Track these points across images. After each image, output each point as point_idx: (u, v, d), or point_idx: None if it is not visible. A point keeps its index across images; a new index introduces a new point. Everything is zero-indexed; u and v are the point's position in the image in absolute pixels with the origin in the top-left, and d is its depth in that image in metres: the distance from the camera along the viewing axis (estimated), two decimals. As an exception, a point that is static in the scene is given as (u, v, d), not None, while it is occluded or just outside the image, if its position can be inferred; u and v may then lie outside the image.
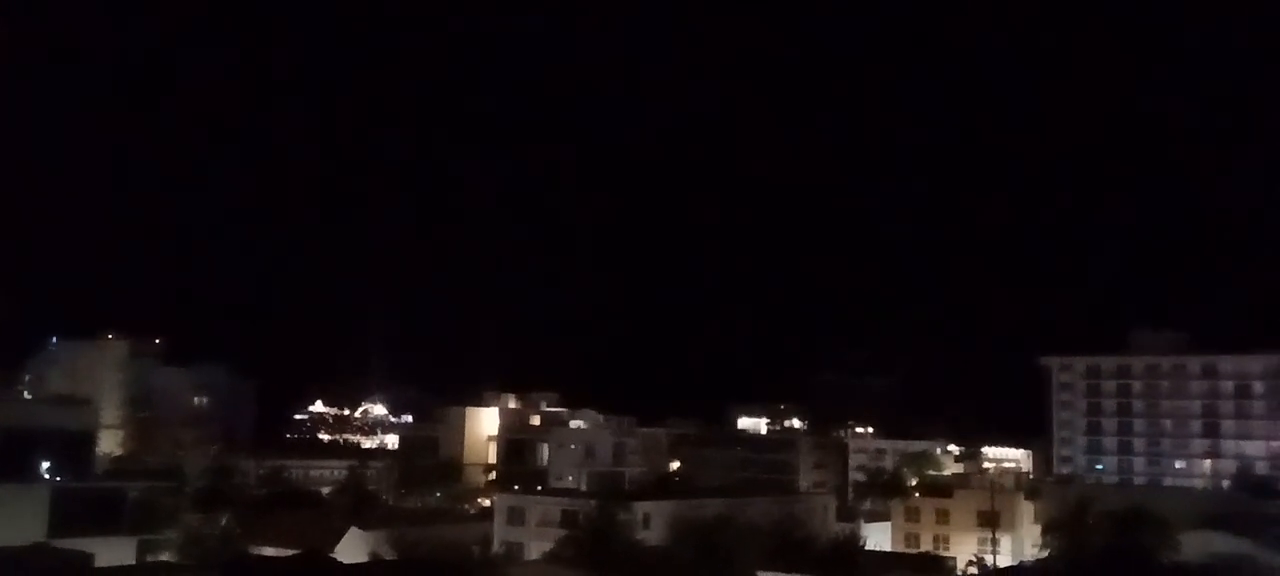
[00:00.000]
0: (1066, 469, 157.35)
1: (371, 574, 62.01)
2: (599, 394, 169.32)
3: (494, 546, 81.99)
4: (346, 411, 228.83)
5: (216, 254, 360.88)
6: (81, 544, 55.61)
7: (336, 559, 66.68)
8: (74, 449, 68.29)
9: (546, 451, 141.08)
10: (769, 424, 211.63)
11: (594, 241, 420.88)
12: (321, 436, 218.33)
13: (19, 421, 69.04)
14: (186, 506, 73.23)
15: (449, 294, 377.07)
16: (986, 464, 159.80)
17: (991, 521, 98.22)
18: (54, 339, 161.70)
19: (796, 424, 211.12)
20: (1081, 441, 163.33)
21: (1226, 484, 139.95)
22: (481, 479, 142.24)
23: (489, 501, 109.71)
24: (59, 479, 65.15)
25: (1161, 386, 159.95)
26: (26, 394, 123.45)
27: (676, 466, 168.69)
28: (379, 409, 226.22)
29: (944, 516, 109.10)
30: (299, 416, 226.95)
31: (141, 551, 63.34)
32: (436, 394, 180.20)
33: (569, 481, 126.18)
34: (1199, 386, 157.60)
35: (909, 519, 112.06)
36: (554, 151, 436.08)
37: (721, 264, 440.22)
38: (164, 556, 63.67)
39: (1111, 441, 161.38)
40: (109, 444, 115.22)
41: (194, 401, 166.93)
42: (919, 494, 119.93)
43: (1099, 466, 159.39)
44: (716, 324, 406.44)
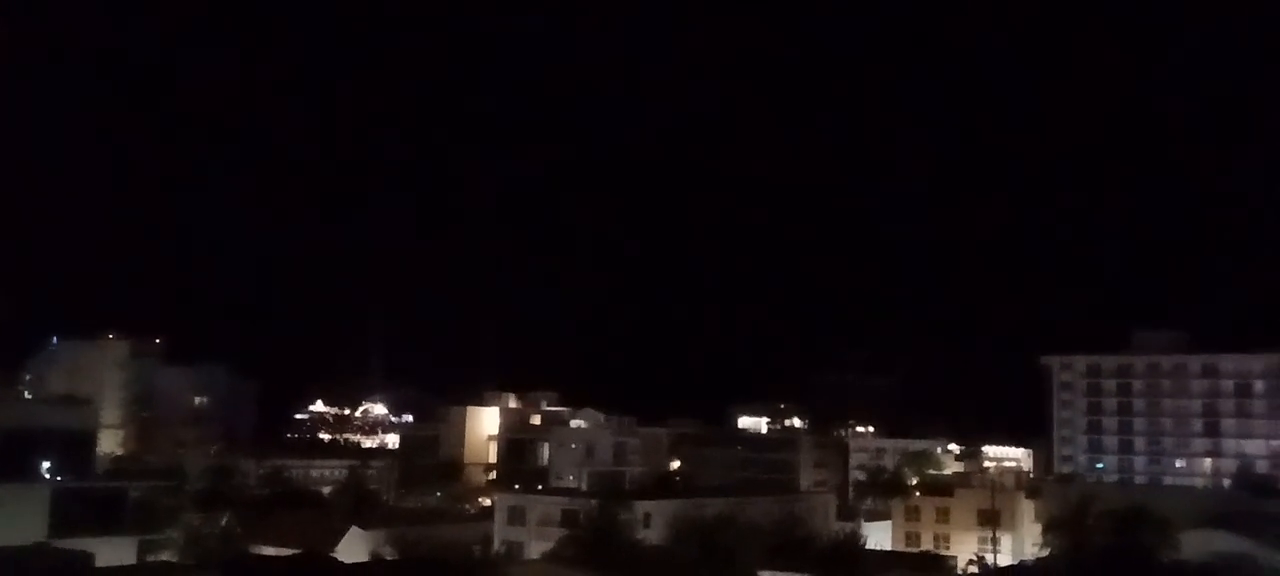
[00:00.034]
0: (1067, 468, 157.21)
1: (372, 573, 62.03)
2: (599, 393, 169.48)
3: (495, 546, 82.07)
4: (347, 411, 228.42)
5: (216, 254, 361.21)
6: (82, 544, 55.52)
7: (337, 558, 66.74)
8: (74, 449, 68.27)
9: (547, 451, 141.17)
10: (769, 423, 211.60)
11: (594, 241, 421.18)
12: (322, 436, 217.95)
13: (19, 421, 69.00)
14: (187, 506, 73.29)
15: (449, 294, 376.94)
16: (987, 463, 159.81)
17: (992, 520, 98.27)
18: (54, 339, 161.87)
19: (797, 423, 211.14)
20: (1082, 440, 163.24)
21: (1227, 483, 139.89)
22: (482, 478, 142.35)
23: (489, 501, 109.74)
24: (59, 479, 65.11)
25: (1162, 385, 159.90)
26: (27, 394, 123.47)
27: (677, 466, 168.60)
28: (379, 408, 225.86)
29: (944, 515, 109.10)
30: (299, 416, 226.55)
31: (142, 551, 63.27)
32: (437, 393, 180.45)
33: (570, 481, 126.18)
34: (1200, 385, 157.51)
35: (909, 518, 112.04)
36: (554, 151, 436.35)
37: (721, 263, 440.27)
38: (165, 556, 63.62)
39: (1112, 440, 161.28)
40: (110, 443, 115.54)
41: (194, 401, 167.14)
42: (919, 493, 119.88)
43: (1099, 465, 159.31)
44: (717, 323, 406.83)
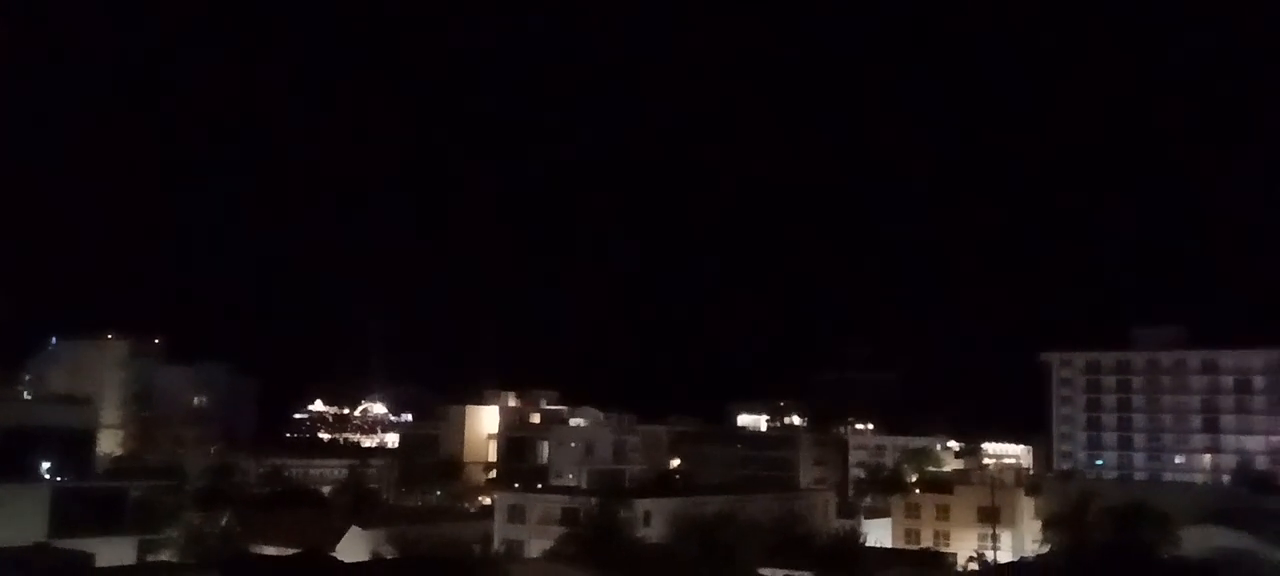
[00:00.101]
0: (1067, 464, 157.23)
1: (372, 572, 62.00)
2: (599, 391, 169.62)
3: (495, 544, 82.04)
4: (346, 410, 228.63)
5: (216, 254, 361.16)
6: (82, 543, 55.51)
7: (337, 557, 66.80)
8: (74, 448, 68.18)
9: (547, 449, 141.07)
10: (769, 421, 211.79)
11: (594, 241, 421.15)
12: (322, 435, 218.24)
13: (19, 421, 68.86)
14: (187, 505, 73.14)
15: (449, 294, 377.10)
16: (987, 460, 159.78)
17: (992, 517, 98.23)
18: (54, 338, 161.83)
19: (796, 421, 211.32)
20: (1082, 437, 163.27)
21: (1227, 479, 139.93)
22: (482, 477, 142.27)
23: (489, 499, 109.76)
24: (60, 478, 65.05)
25: (1162, 382, 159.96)
26: (27, 393, 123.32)
27: (677, 463, 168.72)
28: (379, 407, 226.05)
29: (944, 512, 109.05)
30: (299, 415, 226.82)
31: (142, 551, 63.22)
32: (437, 392, 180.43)
33: (569, 479, 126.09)
34: (1199, 382, 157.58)
35: (909, 515, 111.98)
36: (554, 151, 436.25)
37: (722, 263, 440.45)
38: (165, 555, 63.56)
39: (1112, 437, 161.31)
40: (109, 443, 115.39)
41: (194, 400, 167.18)
42: (919, 490, 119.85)
43: (1099, 462, 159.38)
44: (717, 322, 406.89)
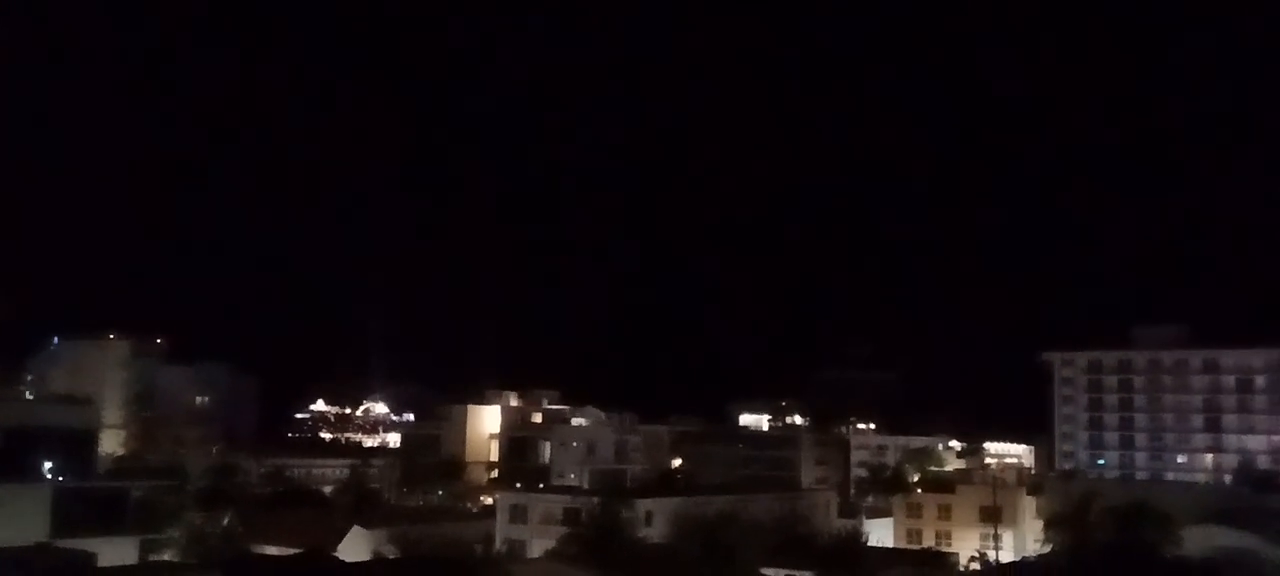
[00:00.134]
0: (1068, 464, 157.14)
1: (374, 572, 61.98)
2: (600, 391, 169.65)
3: (496, 544, 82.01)
4: (348, 410, 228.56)
5: (216, 254, 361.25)
6: (84, 543, 55.50)
7: (339, 557, 66.79)
8: (76, 448, 68.21)
9: (548, 449, 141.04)
10: (771, 420, 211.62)
11: (594, 241, 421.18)
12: (323, 435, 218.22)
13: (21, 421, 68.89)
14: (189, 505, 73.11)
15: (449, 294, 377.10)
16: (988, 459, 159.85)
17: (994, 517, 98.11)
18: (56, 338, 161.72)
19: (798, 420, 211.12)
20: (1083, 436, 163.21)
21: (1228, 478, 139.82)
22: (483, 476, 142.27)
23: (491, 499, 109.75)
24: (61, 478, 65.07)
25: (1163, 381, 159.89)
26: (28, 393, 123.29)
27: (678, 463, 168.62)
28: (380, 407, 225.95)
29: (946, 512, 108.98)
30: (300, 415, 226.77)
31: (144, 550, 63.22)
32: (438, 392, 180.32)
33: (571, 479, 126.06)
34: (1201, 381, 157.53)
35: (911, 515, 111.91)
36: (554, 151, 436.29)
37: (722, 263, 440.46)
38: (167, 555, 63.55)
39: (1113, 436, 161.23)
40: (111, 443, 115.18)
41: (196, 400, 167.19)
42: (921, 490, 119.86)
43: (1101, 461, 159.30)
44: (717, 322, 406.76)
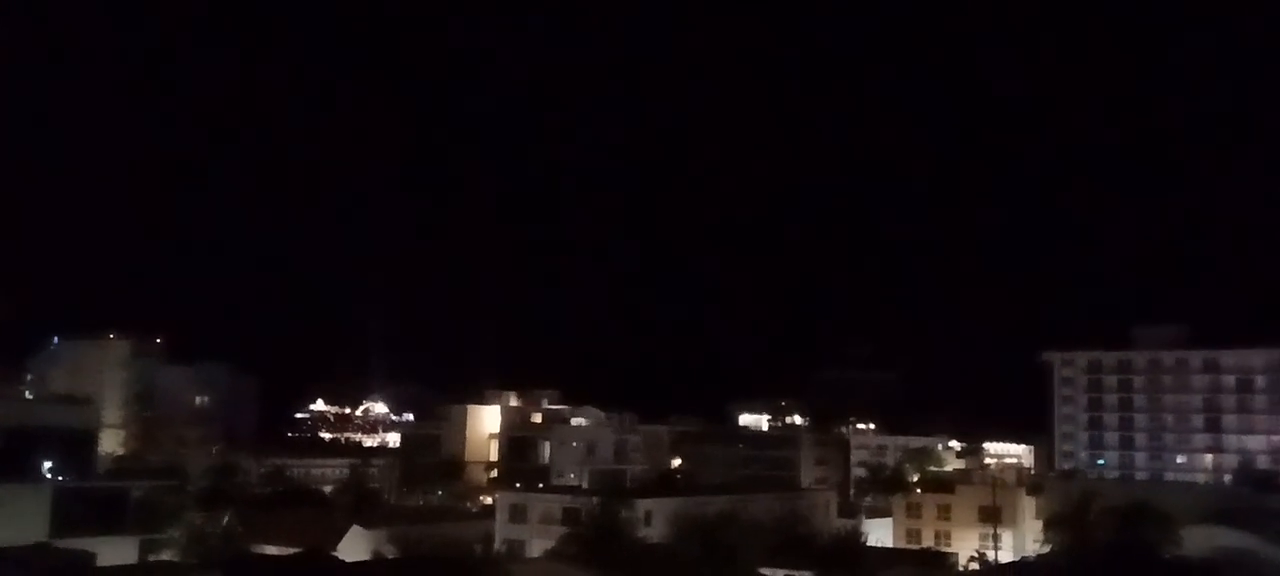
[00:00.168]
0: (1068, 464, 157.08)
1: (373, 572, 61.98)
2: (600, 391, 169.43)
3: (496, 544, 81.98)
4: (348, 410, 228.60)
5: (216, 254, 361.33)
6: (84, 543, 55.57)
7: (338, 557, 66.73)
8: (76, 448, 68.28)
9: (548, 449, 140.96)
10: (770, 420, 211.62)
11: (594, 241, 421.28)
12: (323, 435, 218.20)
13: (21, 421, 68.94)
14: (189, 505, 73.05)
15: (449, 293, 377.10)
16: (988, 459, 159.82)
17: (993, 517, 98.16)
18: (56, 338, 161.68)
19: (798, 420, 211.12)
20: (1083, 436, 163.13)
21: (1228, 478, 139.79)
22: (483, 476, 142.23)
23: (491, 499, 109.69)
24: (61, 478, 65.11)
25: (1163, 381, 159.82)
26: (28, 393, 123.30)
27: (678, 463, 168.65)
28: (380, 407, 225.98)
29: (946, 512, 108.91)
30: (300, 415, 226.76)
31: (144, 550, 63.26)
32: (438, 392, 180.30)
33: (571, 478, 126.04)
34: (1201, 381, 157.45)
35: (911, 515, 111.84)
36: (554, 151, 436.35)
37: (722, 263, 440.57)
38: (166, 555, 63.53)
39: (1113, 436, 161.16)
40: (111, 443, 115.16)
41: (196, 400, 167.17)
42: (921, 490, 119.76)
43: (1100, 461, 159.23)
44: (718, 321, 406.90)
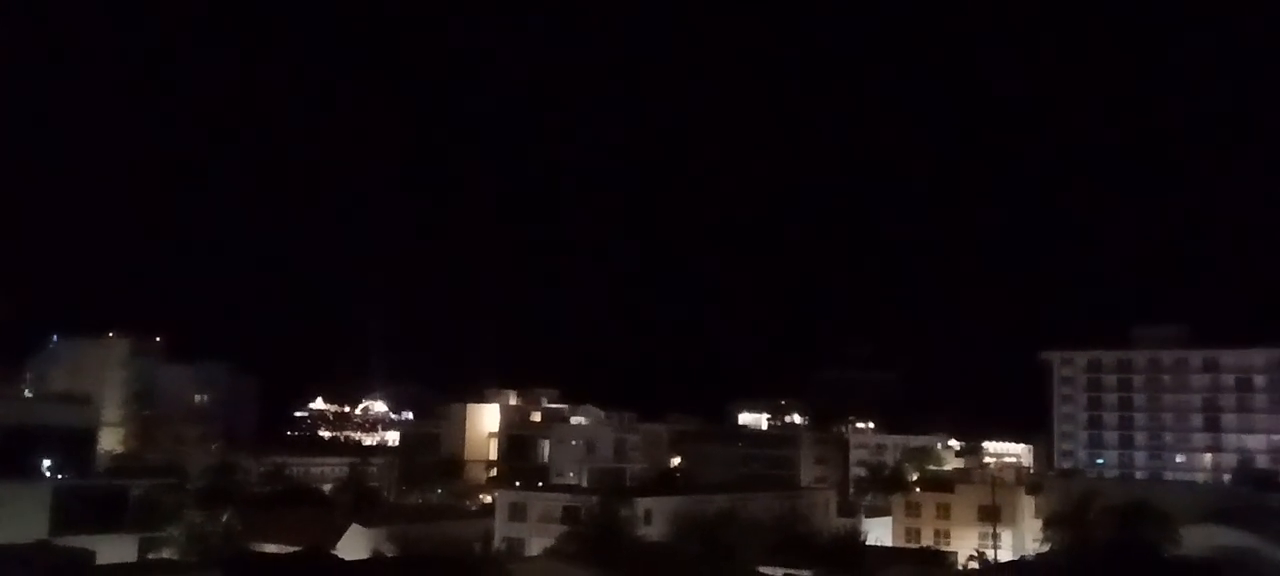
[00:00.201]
0: (1067, 463, 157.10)
1: (373, 570, 61.95)
2: (600, 390, 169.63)
3: (495, 542, 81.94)
4: (347, 408, 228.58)
5: (216, 254, 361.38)
6: (83, 541, 55.47)
7: (338, 555, 66.69)
8: (75, 446, 68.26)
9: (548, 447, 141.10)
10: (770, 419, 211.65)
11: (594, 241, 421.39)
12: (322, 433, 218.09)
13: (20, 419, 68.95)
14: (188, 503, 73.05)
15: (449, 293, 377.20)
16: (987, 458, 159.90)
17: (992, 516, 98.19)
18: (55, 337, 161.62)
19: (797, 419, 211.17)
20: (1083, 436, 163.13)
21: (1227, 477, 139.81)
22: (483, 475, 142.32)
23: (490, 498, 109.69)
24: (60, 476, 65.10)
25: (1163, 380, 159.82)
26: (28, 392, 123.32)
27: (678, 462, 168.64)
28: (380, 406, 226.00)
29: (945, 511, 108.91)
30: (300, 414, 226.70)
31: (143, 548, 63.25)
32: (437, 390, 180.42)
33: (570, 477, 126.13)
34: (1200, 380, 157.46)
35: (910, 514, 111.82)
36: (554, 151, 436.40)
37: (722, 263, 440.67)
38: (166, 553, 63.52)
39: (1113, 435, 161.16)
40: (110, 441, 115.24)
41: (195, 399, 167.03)
42: (920, 489, 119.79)
43: (1100, 460, 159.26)
44: (718, 321, 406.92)
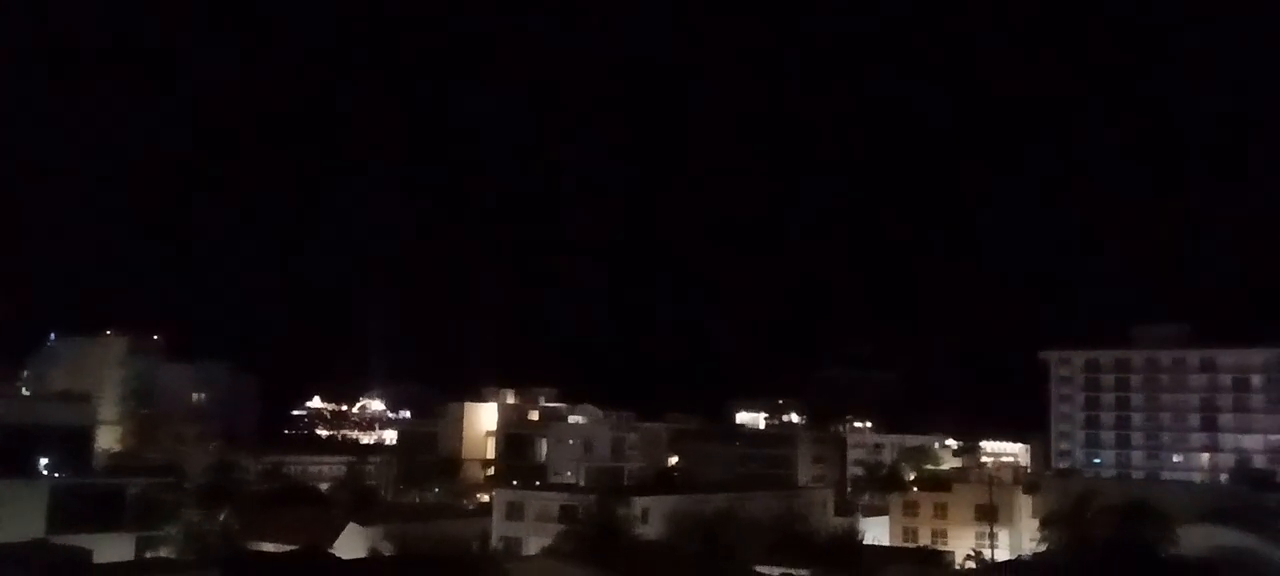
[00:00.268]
0: (1065, 463, 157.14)
1: (370, 569, 62.03)
2: (598, 389, 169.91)
3: (493, 541, 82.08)
4: (345, 407, 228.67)
5: (216, 253, 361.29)
6: (81, 540, 55.50)
7: (336, 554, 66.75)
8: (73, 445, 68.29)
9: (545, 446, 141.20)
10: (768, 418, 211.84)
11: (594, 241, 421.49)
12: (320, 432, 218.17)
13: (18, 418, 69.02)
14: (186, 502, 73.13)
15: (449, 293, 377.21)
16: (985, 458, 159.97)
17: (990, 515, 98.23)
18: (53, 335, 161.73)
19: (795, 418, 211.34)
20: (1080, 435, 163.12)
21: (1225, 477, 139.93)
22: (480, 474, 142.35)
23: (488, 497, 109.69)
24: (58, 475, 65.12)
25: (1160, 380, 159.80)
26: (26, 391, 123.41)
27: (676, 461, 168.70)
28: (378, 404, 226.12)
29: (942, 510, 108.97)
30: (298, 412, 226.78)
31: (141, 547, 63.32)
32: (435, 389, 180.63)
33: (568, 476, 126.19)
34: (1198, 380, 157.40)
35: (907, 513, 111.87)
36: (554, 151, 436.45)
37: (722, 263, 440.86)
38: (163, 552, 63.61)
39: (1110, 435, 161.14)
40: (108, 440, 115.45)
41: (194, 397, 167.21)
42: (917, 488, 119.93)
43: (1097, 460, 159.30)
44: (718, 321, 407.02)
